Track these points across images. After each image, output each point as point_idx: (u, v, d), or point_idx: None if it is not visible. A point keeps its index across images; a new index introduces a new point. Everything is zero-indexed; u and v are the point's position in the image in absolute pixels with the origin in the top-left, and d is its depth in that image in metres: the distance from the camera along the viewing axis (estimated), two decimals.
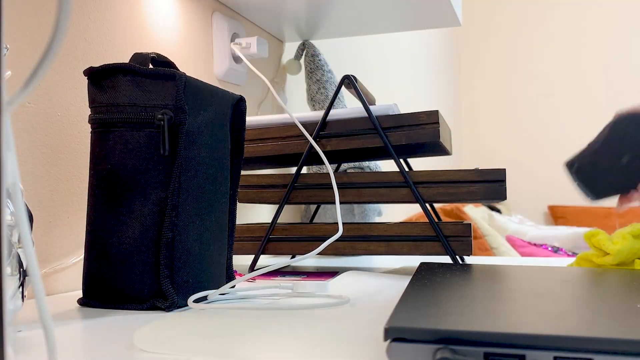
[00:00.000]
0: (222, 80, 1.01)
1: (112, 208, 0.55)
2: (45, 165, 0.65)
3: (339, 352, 0.38)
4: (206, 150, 0.58)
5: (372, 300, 0.57)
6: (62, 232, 0.67)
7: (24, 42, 0.63)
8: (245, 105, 0.65)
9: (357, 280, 0.69)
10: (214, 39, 0.99)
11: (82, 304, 0.56)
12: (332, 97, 0.79)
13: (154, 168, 0.54)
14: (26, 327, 0.47)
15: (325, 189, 0.78)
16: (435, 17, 1.12)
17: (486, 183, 0.73)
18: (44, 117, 0.65)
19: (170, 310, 0.53)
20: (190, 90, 0.56)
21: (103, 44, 0.74)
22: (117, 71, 0.55)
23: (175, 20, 0.89)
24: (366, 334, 0.43)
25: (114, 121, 0.55)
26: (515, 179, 3.91)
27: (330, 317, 0.49)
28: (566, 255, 2.10)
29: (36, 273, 0.24)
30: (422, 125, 0.75)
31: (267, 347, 0.39)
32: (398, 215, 2.24)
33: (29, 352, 0.39)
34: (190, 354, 0.38)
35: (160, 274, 0.54)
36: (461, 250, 0.73)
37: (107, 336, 0.43)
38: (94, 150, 0.56)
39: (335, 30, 1.19)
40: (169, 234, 0.54)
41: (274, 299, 0.59)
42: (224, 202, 0.62)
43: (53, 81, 0.66)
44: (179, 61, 0.89)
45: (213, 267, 0.60)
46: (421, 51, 2.75)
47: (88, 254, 0.56)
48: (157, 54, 0.60)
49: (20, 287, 0.40)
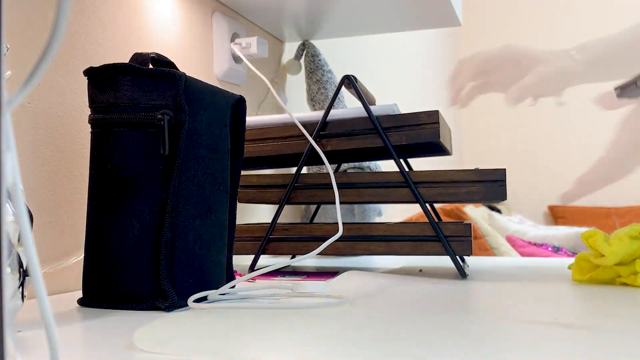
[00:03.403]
0: (222, 80, 1.01)
1: (112, 208, 0.55)
2: (46, 165, 0.65)
3: (339, 352, 0.38)
4: (206, 150, 0.58)
5: (372, 300, 0.57)
6: (62, 232, 0.67)
7: (24, 42, 0.63)
8: (245, 105, 0.65)
9: (357, 280, 0.69)
10: (214, 39, 0.99)
11: (82, 304, 0.56)
12: (332, 97, 0.79)
13: (154, 168, 0.54)
14: (26, 327, 0.47)
15: (325, 189, 0.78)
16: (435, 17, 1.12)
17: (486, 183, 0.73)
18: (44, 117, 0.65)
19: (170, 310, 0.53)
20: (190, 90, 0.56)
21: (103, 44, 0.74)
22: (117, 71, 0.55)
23: (175, 20, 0.89)
24: (366, 334, 0.43)
25: (114, 121, 0.55)
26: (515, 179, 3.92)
27: (330, 317, 0.49)
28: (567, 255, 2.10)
29: (37, 273, 0.24)
30: (423, 125, 0.75)
31: (268, 347, 0.39)
32: (398, 215, 2.24)
33: (29, 352, 0.39)
34: (191, 354, 0.37)
35: (160, 274, 0.54)
36: (461, 251, 0.73)
37: (107, 336, 0.43)
38: (94, 150, 0.56)
39: (335, 30, 1.19)
40: (169, 234, 0.54)
41: (274, 299, 0.59)
42: (224, 202, 0.62)
43: (53, 81, 0.66)
44: (179, 61, 0.89)
45: (213, 267, 0.60)
46: (421, 51, 2.75)
47: (88, 254, 0.56)
48: (157, 54, 0.60)
49: (20, 287, 0.40)
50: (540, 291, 0.63)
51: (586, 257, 0.68)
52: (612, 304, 0.55)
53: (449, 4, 1.04)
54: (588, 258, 0.68)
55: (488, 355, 0.36)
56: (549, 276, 0.75)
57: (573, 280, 0.70)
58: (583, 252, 0.69)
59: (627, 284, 0.66)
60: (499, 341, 0.40)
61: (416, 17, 1.12)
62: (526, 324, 0.46)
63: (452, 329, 0.44)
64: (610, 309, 0.52)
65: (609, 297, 0.58)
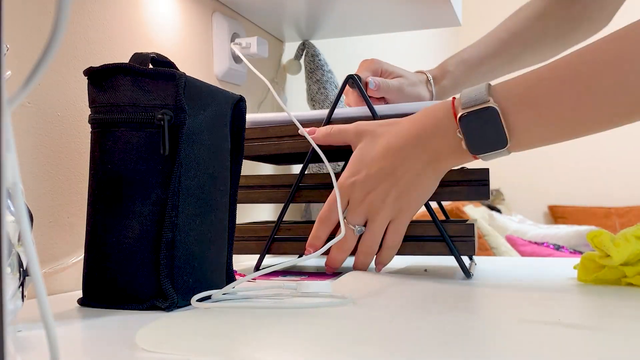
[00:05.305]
0: (222, 80, 1.01)
1: (112, 208, 0.55)
2: (46, 165, 0.65)
3: (342, 351, 0.37)
4: (206, 150, 0.58)
5: (376, 300, 0.57)
6: (62, 232, 0.67)
7: (24, 42, 0.63)
8: (245, 105, 0.65)
9: (359, 280, 0.69)
10: (214, 39, 0.99)
11: (82, 304, 0.56)
12: (335, 97, 0.79)
13: (154, 168, 0.54)
14: (26, 327, 0.47)
15: (326, 189, 0.78)
16: (435, 17, 1.12)
17: (469, 182, 0.73)
18: (44, 117, 0.65)
19: (170, 310, 0.53)
20: (190, 90, 0.56)
21: (103, 44, 0.74)
22: (117, 71, 0.55)
23: (175, 20, 0.89)
24: (370, 333, 0.42)
25: (114, 121, 0.55)
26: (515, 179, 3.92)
27: (333, 317, 0.49)
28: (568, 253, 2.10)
29: (37, 273, 0.24)
30: None
31: (270, 347, 0.39)
32: None
33: (29, 352, 0.39)
34: (194, 353, 0.37)
35: (160, 274, 0.53)
36: (465, 250, 0.73)
37: (108, 336, 0.43)
38: (94, 150, 0.56)
39: (335, 30, 1.19)
40: (169, 234, 0.54)
41: (277, 298, 0.59)
42: (224, 202, 0.62)
43: (53, 81, 0.66)
44: (179, 61, 0.89)
45: (213, 267, 0.60)
46: (421, 51, 2.75)
47: (88, 254, 0.56)
48: (157, 54, 0.60)
49: (20, 287, 0.40)
50: (544, 291, 0.63)
51: (592, 257, 0.68)
52: (617, 305, 0.54)
53: (449, 4, 1.04)
54: (594, 258, 0.68)
55: (492, 355, 0.36)
56: (554, 276, 0.75)
57: (578, 280, 0.70)
58: (589, 252, 0.69)
59: (633, 284, 0.65)
60: (503, 341, 0.40)
61: (416, 17, 1.12)
62: (530, 324, 0.46)
63: (456, 329, 0.44)
64: (615, 309, 0.52)
65: (614, 298, 0.58)
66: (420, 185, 0.69)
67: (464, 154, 0.67)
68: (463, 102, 0.65)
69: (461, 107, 0.65)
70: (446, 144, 0.67)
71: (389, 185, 0.69)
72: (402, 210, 0.70)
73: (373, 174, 0.70)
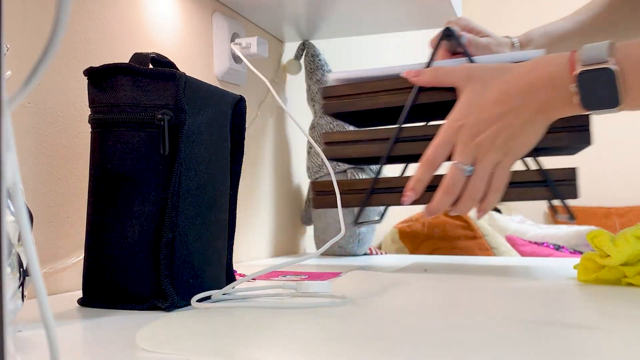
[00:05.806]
0: (222, 80, 1.01)
1: (112, 208, 0.55)
2: (46, 165, 0.65)
3: (342, 351, 0.37)
4: (206, 150, 0.58)
5: (376, 300, 0.57)
6: (62, 232, 0.67)
7: (24, 42, 0.63)
8: (245, 105, 0.65)
9: (360, 280, 0.69)
10: (214, 39, 0.99)
11: (82, 304, 0.56)
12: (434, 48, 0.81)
13: (154, 168, 0.54)
14: (26, 327, 0.47)
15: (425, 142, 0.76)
16: (435, 17, 1.12)
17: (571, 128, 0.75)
18: (44, 117, 0.65)
19: (170, 310, 0.53)
20: (190, 90, 0.56)
21: (103, 44, 0.74)
22: (118, 71, 0.55)
23: (175, 20, 0.89)
24: (369, 333, 0.42)
25: (114, 121, 0.55)
26: None
27: (333, 317, 0.49)
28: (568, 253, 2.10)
29: (37, 273, 0.24)
30: None
31: (270, 347, 0.39)
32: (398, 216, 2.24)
33: (29, 352, 0.39)
34: (194, 353, 0.37)
35: (160, 274, 0.53)
36: (568, 194, 0.74)
37: (108, 336, 0.43)
38: (94, 150, 0.56)
39: (335, 30, 1.19)
40: (169, 234, 0.54)
41: (277, 298, 0.59)
42: (224, 202, 0.62)
43: (53, 81, 0.66)
44: (179, 61, 0.89)
45: (213, 267, 0.60)
46: (421, 51, 2.75)
47: (88, 254, 0.56)
48: (157, 54, 0.60)
49: (20, 287, 0.40)
50: (545, 291, 0.63)
51: (592, 257, 0.68)
52: (617, 305, 0.54)
53: (449, 4, 1.04)
54: (593, 258, 0.68)
55: (492, 355, 0.36)
56: (554, 276, 0.75)
57: (578, 280, 0.70)
58: (589, 252, 0.69)
59: (633, 284, 0.65)
60: (503, 341, 0.40)
61: (416, 17, 1.12)
62: (530, 324, 0.46)
63: (456, 328, 0.44)
64: (615, 309, 0.52)
65: (614, 298, 0.58)
66: (528, 132, 0.71)
67: (574, 107, 0.68)
68: (583, 59, 0.66)
69: (581, 63, 0.66)
70: (558, 96, 0.68)
71: (498, 129, 0.70)
72: (508, 154, 0.72)
73: (484, 119, 0.71)
